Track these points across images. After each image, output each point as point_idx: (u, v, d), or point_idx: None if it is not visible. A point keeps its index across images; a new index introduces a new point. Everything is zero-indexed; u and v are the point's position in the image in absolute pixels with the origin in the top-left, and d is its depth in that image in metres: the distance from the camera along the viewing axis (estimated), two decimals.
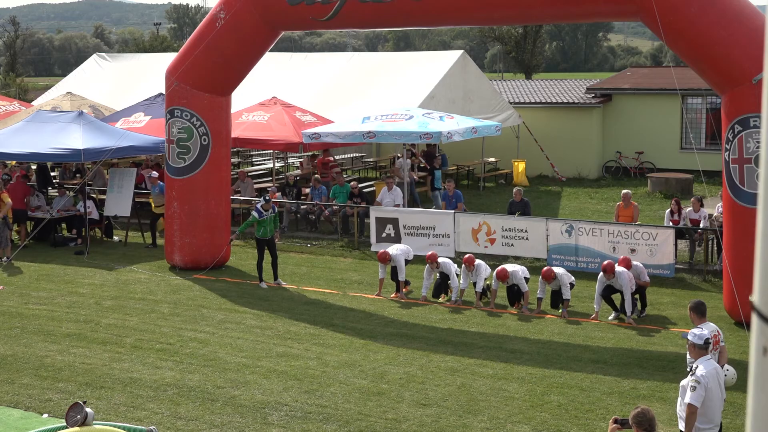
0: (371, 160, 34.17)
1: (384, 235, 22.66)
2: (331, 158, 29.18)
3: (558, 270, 17.70)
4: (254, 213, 19.73)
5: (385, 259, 18.84)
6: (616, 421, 7.94)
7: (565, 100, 35.98)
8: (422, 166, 29.23)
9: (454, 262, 18.86)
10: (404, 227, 22.53)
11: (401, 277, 19.00)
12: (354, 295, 18.87)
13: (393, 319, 17.26)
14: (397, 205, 23.82)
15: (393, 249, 19.30)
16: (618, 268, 16.90)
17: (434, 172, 27.28)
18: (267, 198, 20.12)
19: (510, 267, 18.14)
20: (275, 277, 19.96)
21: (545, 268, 17.73)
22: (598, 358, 14.90)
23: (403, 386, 13.67)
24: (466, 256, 18.52)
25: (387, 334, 16.27)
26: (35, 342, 16.07)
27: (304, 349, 15.44)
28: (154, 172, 24.74)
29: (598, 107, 35.54)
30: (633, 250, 19.94)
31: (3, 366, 14.84)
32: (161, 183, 24.11)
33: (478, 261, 18.41)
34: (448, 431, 12.02)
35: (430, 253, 18.74)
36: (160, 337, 16.28)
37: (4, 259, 22.16)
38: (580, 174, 34.61)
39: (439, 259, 18.59)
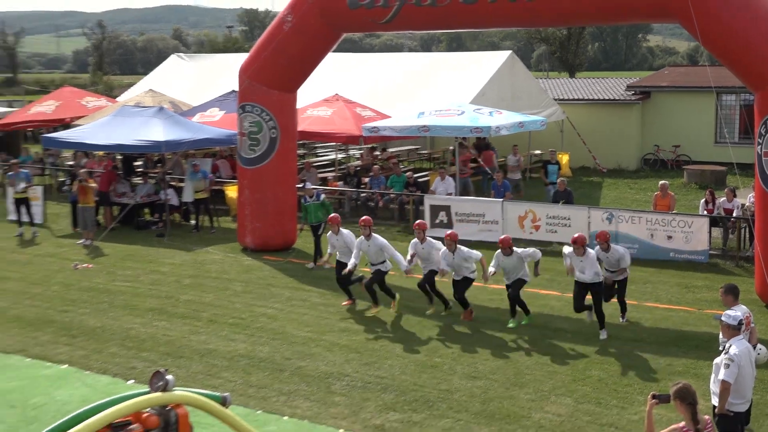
0: (426, 152, 34.11)
1: (437, 221, 22.67)
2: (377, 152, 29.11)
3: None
4: (302, 200, 20.10)
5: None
6: (654, 397, 7.86)
7: (607, 97, 35.66)
8: (473, 158, 29.12)
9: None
10: (456, 214, 22.53)
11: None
12: (409, 277, 18.89)
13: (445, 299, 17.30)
14: (450, 194, 23.81)
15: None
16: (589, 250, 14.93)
17: (548, 167, 26.86)
18: (304, 185, 20.30)
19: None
20: (314, 260, 20.08)
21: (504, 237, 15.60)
22: (636, 336, 14.80)
23: (455, 360, 13.72)
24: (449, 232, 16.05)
25: (439, 312, 16.30)
26: (121, 315, 16.37)
27: (365, 325, 15.55)
28: (197, 161, 24.93)
29: (637, 104, 35.17)
30: (670, 237, 19.82)
31: (93, 337, 15.15)
32: (203, 170, 24.40)
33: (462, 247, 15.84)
34: (496, 402, 12.05)
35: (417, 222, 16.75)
36: (233, 312, 16.49)
37: (88, 241, 22.55)
38: (620, 166, 34.30)
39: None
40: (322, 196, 20.35)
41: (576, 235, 14.81)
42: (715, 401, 9.10)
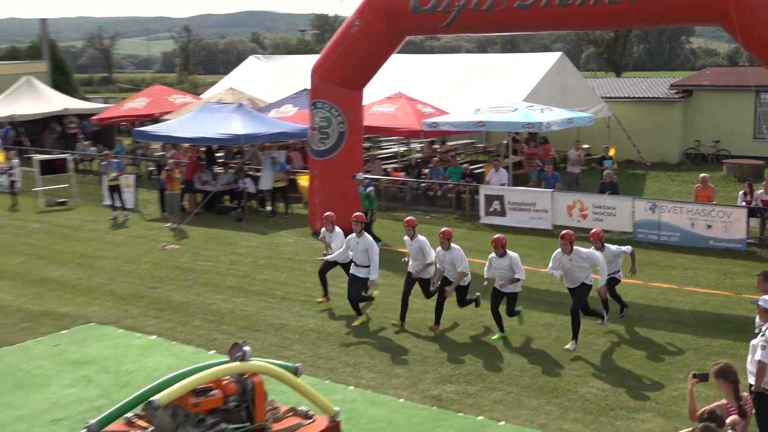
0: (481, 145, 33.91)
1: (491, 209, 22.53)
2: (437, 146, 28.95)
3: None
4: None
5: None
6: (695, 376, 7.72)
7: (651, 95, 35.03)
8: (524, 152, 28.82)
9: (551, 236, 18.50)
10: (509, 203, 22.35)
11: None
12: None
13: None
14: (503, 184, 23.64)
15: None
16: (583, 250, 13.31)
17: (603, 162, 26.52)
18: (356, 176, 20.34)
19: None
20: None
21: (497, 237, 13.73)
22: (677, 318, 14.56)
23: (507, 338, 13.64)
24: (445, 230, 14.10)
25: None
26: (204, 292, 16.59)
27: (423, 304, 15.51)
28: (275, 153, 25.09)
29: (679, 101, 34.48)
30: (709, 226, 19.43)
31: (178, 311, 15.37)
32: (281, 161, 24.53)
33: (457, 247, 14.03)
34: (545, 376, 11.96)
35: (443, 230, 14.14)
36: (304, 290, 16.58)
37: (174, 225, 22.86)
38: (663, 159, 33.66)
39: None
40: (369, 188, 20.37)
41: (564, 232, 13.23)
42: (752, 380, 8.91)
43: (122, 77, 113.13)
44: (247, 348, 8.71)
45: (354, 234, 14.78)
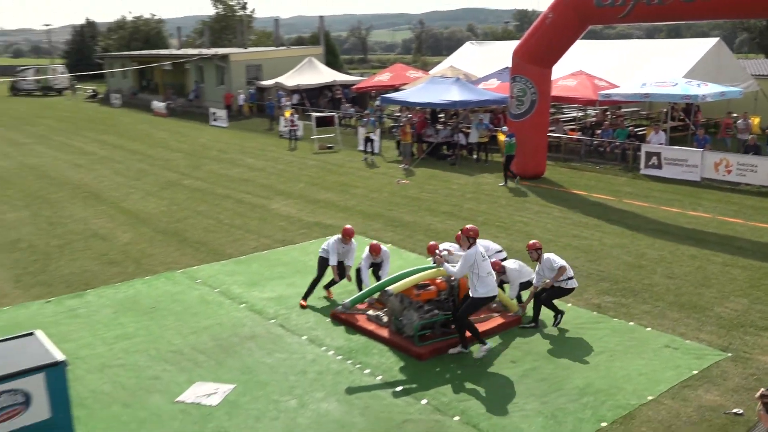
0: (644, 112, 31.64)
1: (650, 163, 21.11)
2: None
3: (510, 265, 10.40)
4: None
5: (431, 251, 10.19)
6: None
7: None
8: (681, 118, 26.60)
9: (699, 186, 17.07)
10: (665, 159, 20.83)
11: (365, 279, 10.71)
12: (627, 202, 17.91)
13: (653, 219, 16.16)
14: (661, 144, 22.01)
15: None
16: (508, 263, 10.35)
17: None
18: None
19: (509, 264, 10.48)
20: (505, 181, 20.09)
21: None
22: None
23: (657, 263, 12.86)
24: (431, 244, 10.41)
25: (648, 228, 15.27)
26: (425, 215, 16.81)
27: (589, 234, 14.95)
28: (481, 115, 24.61)
29: None
30: None
31: (407, 227, 15.61)
32: (485, 122, 24.03)
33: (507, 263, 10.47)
34: (686, 296, 11.19)
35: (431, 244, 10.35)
36: (498, 218, 16.41)
37: (406, 166, 23.22)
38: None
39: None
40: (512, 138, 19.94)
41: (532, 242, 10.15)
42: None
43: (373, 58, 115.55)
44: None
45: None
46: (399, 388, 8.29)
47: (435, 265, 9.60)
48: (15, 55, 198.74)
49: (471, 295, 8.88)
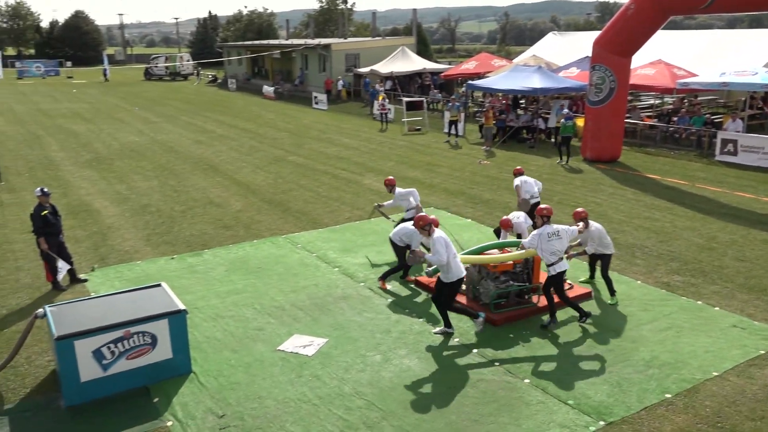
0: (722, 101, 29.66)
1: (725, 150, 19.83)
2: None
3: (516, 219, 10.35)
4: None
5: (507, 225, 10.30)
6: None
7: None
8: (759, 107, 24.77)
9: None
10: (741, 146, 19.51)
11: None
12: (700, 186, 16.94)
13: (726, 203, 15.21)
14: (738, 131, 20.60)
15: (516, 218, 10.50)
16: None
17: None
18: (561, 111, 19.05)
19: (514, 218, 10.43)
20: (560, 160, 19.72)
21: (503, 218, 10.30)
22: None
23: (727, 246, 12.13)
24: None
25: (720, 212, 14.41)
26: (504, 194, 16.35)
27: (661, 215, 14.26)
28: (562, 102, 23.71)
29: None
30: None
31: (487, 204, 15.37)
32: (565, 110, 23.13)
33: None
34: (756, 279, 10.50)
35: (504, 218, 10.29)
36: (574, 199, 15.83)
37: (488, 148, 22.80)
38: None
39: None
40: (570, 121, 19.35)
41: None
42: None
43: (461, 47, 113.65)
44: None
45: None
46: (474, 351, 8.27)
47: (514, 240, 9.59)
48: (149, 45, 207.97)
49: (549, 274, 8.72)
